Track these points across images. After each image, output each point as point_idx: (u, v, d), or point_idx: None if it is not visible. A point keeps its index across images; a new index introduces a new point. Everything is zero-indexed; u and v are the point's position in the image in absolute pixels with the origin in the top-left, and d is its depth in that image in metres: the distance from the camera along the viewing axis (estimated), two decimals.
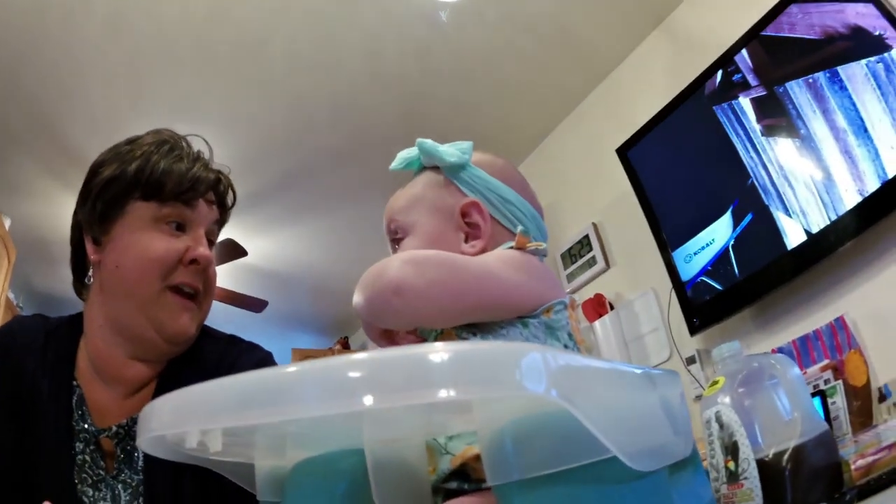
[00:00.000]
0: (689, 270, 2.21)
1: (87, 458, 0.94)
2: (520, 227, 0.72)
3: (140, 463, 0.95)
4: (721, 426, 0.97)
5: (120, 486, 0.95)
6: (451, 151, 0.77)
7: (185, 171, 0.95)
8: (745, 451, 0.93)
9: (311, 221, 3.70)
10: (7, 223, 3.24)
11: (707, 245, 2.13)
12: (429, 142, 0.79)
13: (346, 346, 5.55)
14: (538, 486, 0.41)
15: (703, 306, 2.15)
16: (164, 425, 0.43)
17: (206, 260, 0.96)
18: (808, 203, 1.80)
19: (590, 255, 2.86)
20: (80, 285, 1.03)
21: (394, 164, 0.83)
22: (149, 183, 0.93)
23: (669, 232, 2.29)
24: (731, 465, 0.94)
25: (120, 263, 0.93)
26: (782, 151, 1.88)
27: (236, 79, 2.59)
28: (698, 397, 2.26)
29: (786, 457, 0.91)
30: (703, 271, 2.15)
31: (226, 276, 3.84)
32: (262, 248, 3.86)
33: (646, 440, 0.46)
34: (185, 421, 0.42)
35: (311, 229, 3.79)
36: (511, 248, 0.69)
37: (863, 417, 1.58)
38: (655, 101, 2.34)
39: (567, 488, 0.41)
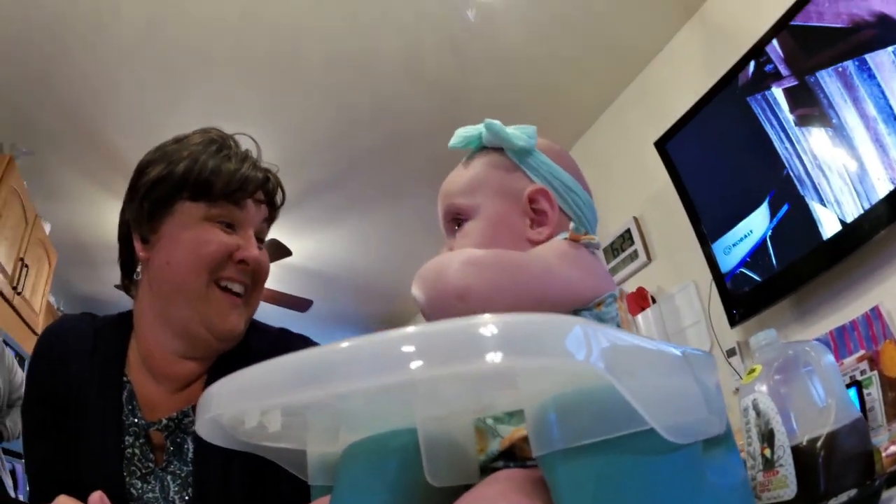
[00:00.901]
0: (728, 262, 2.25)
1: (137, 451, 0.97)
2: (571, 224, 0.72)
3: (190, 454, 0.97)
4: (758, 414, 0.99)
5: (169, 477, 0.97)
6: (518, 135, 0.77)
7: (234, 171, 0.96)
8: (781, 438, 0.96)
9: (352, 221, 3.80)
10: (47, 228, 3.37)
11: (745, 236, 2.17)
12: (497, 123, 0.78)
13: None
14: (580, 455, 0.44)
15: (743, 298, 2.19)
16: (225, 406, 0.46)
17: (255, 261, 0.98)
18: (842, 192, 1.84)
19: (631, 248, 2.93)
20: (128, 282, 1.05)
21: (453, 141, 0.81)
22: (197, 183, 0.94)
23: (708, 224, 2.34)
24: (768, 452, 0.97)
25: (170, 259, 0.95)
26: (815, 141, 1.91)
27: (272, 79, 2.66)
28: (738, 390, 2.33)
29: (819, 443, 0.93)
30: (742, 263, 2.19)
31: (271, 276, 4.00)
32: (305, 247, 3.96)
33: (681, 415, 0.49)
34: (244, 400, 0.45)
35: (353, 228, 3.88)
36: (566, 238, 0.70)
37: None
38: (690, 93, 2.38)
39: (607, 457, 0.44)
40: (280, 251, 3.62)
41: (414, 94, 2.85)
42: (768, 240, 2.10)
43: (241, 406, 0.48)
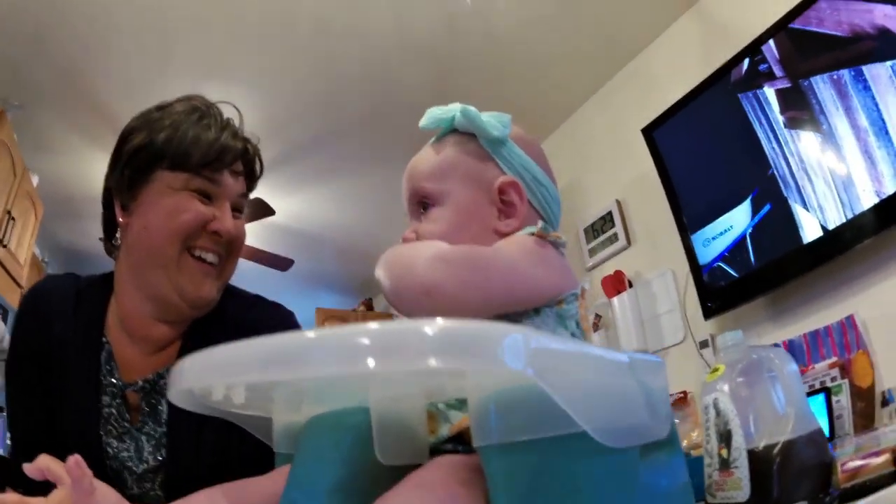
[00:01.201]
0: (706, 254, 2.28)
1: (114, 410, 1.00)
2: (540, 223, 0.71)
3: (164, 416, 1.01)
4: (718, 413, 1.01)
5: (144, 437, 1.00)
6: (494, 124, 0.76)
7: (213, 141, 0.98)
8: (738, 441, 0.98)
9: (339, 182, 3.81)
10: (35, 181, 3.38)
11: (725, 231, 2.20)
12: (473, 109, 0.76)
13: (369, 308, 5.66)
14: (515, 450, 0.47)
15: (719, 291, 2.23)
16: (194, 380, 0.49)
17: (228, 234, 1.01)
18: (826, 199, 1.87)
19: (612, 231, 2.95)
20: (110, 245, 1.08)
21: (424, 122, 0.79)
22: (176, 153, 0.97)
23: (689, 215, 2.36)
24: (724, 452, 0.99)
25: (147, 225, 0.98)
26: (804, 145, 1.92)
27: (263, 41, 2.65)
28: None
29: (776, 450, 0.95)
30: (721, 257, 2.22)
31: (253, 234, 3.94)
32: (290, 207, 3.97)
33: (617, 419, 0.50)
34: (212, 376, 0.48)
35: (340, 190, 3.90)
36: (533, 234, 0.70)
37: (865, 420, 1.62)
38: (683, 83, 2.38)
39: (540, 455, 0.47)
40: (263, 210, 3.61)
41: (404, 64, 2.83)
42: (748, 237, 2.14)
43: (209, 382, 0.51)
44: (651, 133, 2.52)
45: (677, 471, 0.60)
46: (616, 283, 2.85)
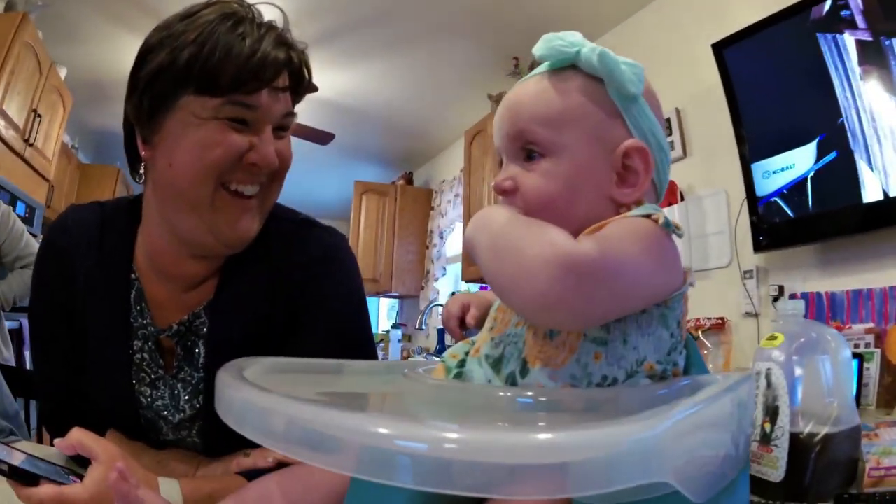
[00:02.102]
0: (765, 187, 2.26)
1: (146, 356, 0.95)
2: (661, 216, 0.61)
3: (202, 360, 0.95)
4: (769, 384, 1.01)
5: (179, 384, 0.95)
6: (630, 77, 0.64)
7: (249, 55, 0.82)
8: (783, 420, 0.99)
9: (386, 59, 3.82)
10: (63, 73, 3.43)
11: (787, 168, 2.17)
12: (610, 53, 0.64)
13: (409, 182, 5.75)
14: None
15: (772, 227, 2.24)
16: (227, 416, 0.49)
17: (269, 166, 0.87)
18: (892, 164, 1.82)
19: (668, 139, 2.93)
20: (135, 174, 0.96)
21: (541, 52, 0.67)
22: (203, 74, 0.81)
23: (753, 142, 2.31)
24: (768, 426, 1.01)
25: (173, 162, 0.85)
26: (877, 103, 1.84)
27: None
28: (748, 314, 2.46)
29: (816, 439, 0.96)
30: (778, 192, 2.20)
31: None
32: (333, 82, 4.01)
33: (712, 476, 0.48)
34: (243, 427, 0.47)
35: (387, 66, 3.91)
36: (653, 219, 0.61)
37: (889, 396, 1.65)
38: (756, 6, 2.26)
39: None
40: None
41: None
42: (808, 180, 2.10)
43: (241, 430, 0.49)
44: (722, 50, 2.41)
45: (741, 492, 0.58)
46: (668, 194, 2.86)
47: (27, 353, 3.02)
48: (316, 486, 0.71)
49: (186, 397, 0.95)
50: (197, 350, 0.95)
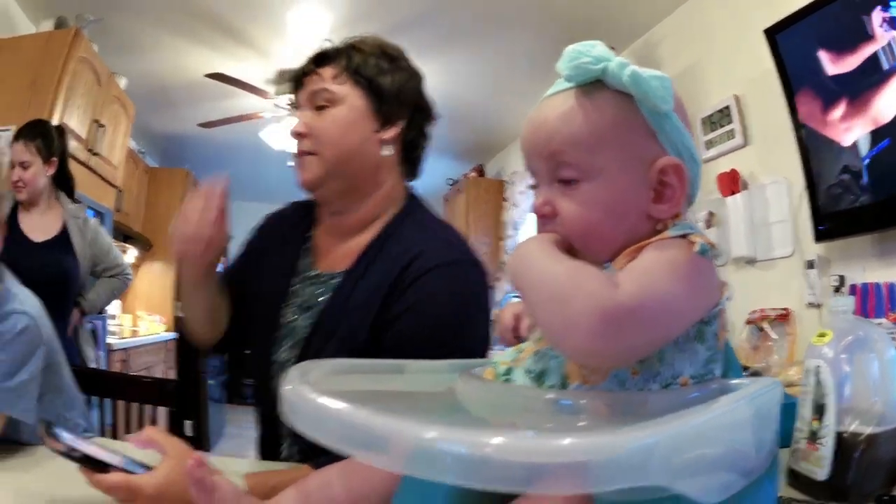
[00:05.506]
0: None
1: (298, 289, 1.23)
2: (698, 242, 0.62)
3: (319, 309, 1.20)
4: (818, 382, 1.02)
5: (307, 314, 1.20)
6: (662, 94, 0.65)
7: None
8: (829, 419, 1.00)
9: (457, 51, 3.95)
10: (123, 83, 3.63)
11: None
12: (638, 71, 0.65)
13: (481, 174, 5.90)
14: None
15: (833, 216, 2.28)
16: (301, 424, 0.53)
17: (295, 135, 1.20)
18: None
19: (729, 126, 2.97)
20: None
21: (568, 71, 0.69)
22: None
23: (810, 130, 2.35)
24: (816, 424, 1.02)
25: None
26: None
27: None
28: (811, 304, 2.50)
29: (860, 438, 0.97)
30: (839, 181, 2.24)
31: None
32: None
33: (719, 478, 0.51)
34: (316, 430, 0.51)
35: (456, 58, 4.04)
36: (686, 238, 0.63)
37: None
38: None
39: None
40: None
41: None
42: (865, 168, 2.13)
43: (314, 433, 0.52)
44: (774, 35, 2.42)
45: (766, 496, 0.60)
46: (731, 183, 2.89)
47: (101, 353, 3.32)
48: (372, 477, 0.76)
49: (322, 298, 1.20)
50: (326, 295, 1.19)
